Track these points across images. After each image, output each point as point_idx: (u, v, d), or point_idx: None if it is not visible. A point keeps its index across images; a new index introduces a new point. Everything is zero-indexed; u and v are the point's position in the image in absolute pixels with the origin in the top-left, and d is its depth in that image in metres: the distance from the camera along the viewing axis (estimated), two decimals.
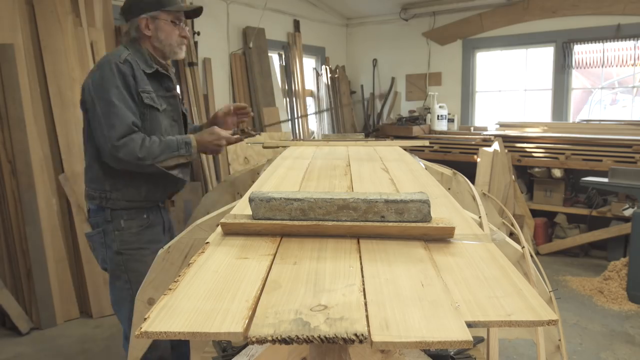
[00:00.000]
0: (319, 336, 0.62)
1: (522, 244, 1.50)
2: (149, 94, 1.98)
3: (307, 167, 1.85)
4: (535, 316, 0.69)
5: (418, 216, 0.99)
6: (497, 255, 0.92)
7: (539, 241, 5.21)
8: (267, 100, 5.48)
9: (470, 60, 6.28)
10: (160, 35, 2.06)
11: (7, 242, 3.50)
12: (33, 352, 3.18)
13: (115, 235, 2.05)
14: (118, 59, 1.94)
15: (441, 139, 5.86)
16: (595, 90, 5.75)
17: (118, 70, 1.91)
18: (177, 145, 1.98)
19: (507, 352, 3.11)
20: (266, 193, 1.02)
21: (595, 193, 5.01)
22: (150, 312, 0.68)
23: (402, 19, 6.53)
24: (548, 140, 5.14)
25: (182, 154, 2.00)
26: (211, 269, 0.85)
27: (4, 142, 3.41)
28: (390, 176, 1.67)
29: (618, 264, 4.18)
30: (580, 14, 5.39)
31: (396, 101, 6.87)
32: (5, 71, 3.37)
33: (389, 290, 0.76)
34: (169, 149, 1.95)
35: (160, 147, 1.93)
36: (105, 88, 1.89)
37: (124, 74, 1.92)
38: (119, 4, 4.36)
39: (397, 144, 2.62)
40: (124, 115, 1.88)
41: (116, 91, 1.89)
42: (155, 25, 2.06)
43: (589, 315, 3.69)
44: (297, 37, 6.08)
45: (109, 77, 1.90)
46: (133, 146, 1.87)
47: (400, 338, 0.62)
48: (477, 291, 0.76)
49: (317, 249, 0.94)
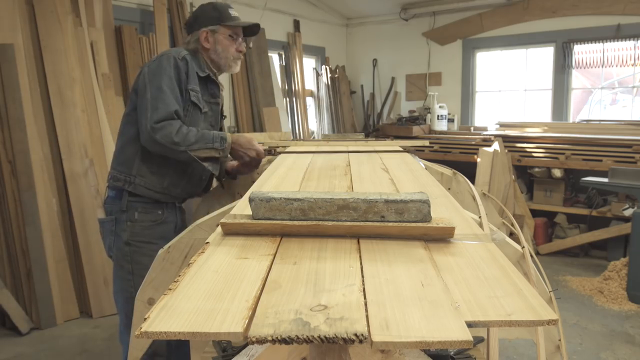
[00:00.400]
0: (319, 336, 0.62)
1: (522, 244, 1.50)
2: (197, 94, 2.09)
3: (307, 167, 1.85)
4: (535, 316, 0.69)
5: (418, 216, 0.99)
6: (497, 255, 0.92)
7: (539, 241, 5.21)
8: (267, 100, 5.49)
9: (470, 60, 6.28)
10: (218, 48, 2.19)
11: (7, 242, 3.50)
12: (33, 352, 3.18)
13: (127, 226, 2.09)
14: (178, 55, 2.06)
15: (441, 139, 5.86)
16: (595, 90, 5.75)
17: (175, 64, 2.03)
18: (213, 138, 2.04)
19: (507, 352, 3.11)
20: (266, 193, 1.02)
21: (595, 193, 5.02)
22: (150, 312, 0.68)
23: (402, 19, 6.53)
24: (548, 140, 5.14)
25: (216, 147, 2.05)
26: (211, 269, 0.85)
27: (4, 142, 3.41)
28: (390, 176, 1.67)
29: (618, 264, 4.18)
30: (580, 14, 5.39)
31: (396, 101, 6.87)
32: (5, 71, 3.37)
33: (389, 290, 0.76)
34: (204, 139, 2.01)
35: (197, 136, 1.99)
36: (159, 75, 2.00)
37: (179, 69, 2.03)
38: (119, 4, 4.38)
39: (397, 144, 2.62)
40: (169, 102, 1.96)
41: (168, 80, 2.00)
42: (214, 39, 2.18)
43: (589, 315, 3.69)
44: (297, 37, 6.08)
45: (165, 66, 2.01)
46: (170, 130, 1.94)
47: (401, 338, 0.62)
48: (477, 291, 0.76)
49: (317, 249, 0.94)
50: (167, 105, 1.96)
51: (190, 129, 2.00)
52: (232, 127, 5.32)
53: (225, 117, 2.52)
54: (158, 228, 2.13)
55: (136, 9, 4.52)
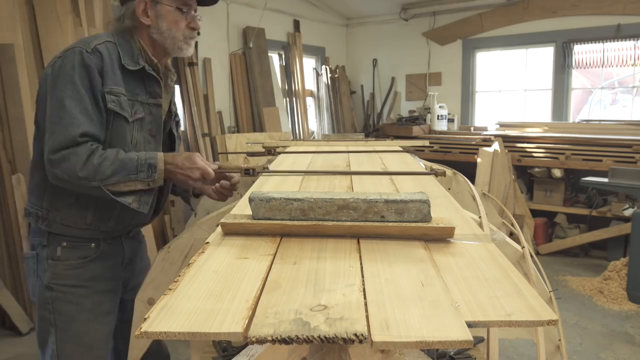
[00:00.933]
0: (319, 336, 0.62)
1: (522, 244, 1.51)
2: (117, 97, 1.53)
3: (307, 167, 1.85)
4: (535, 316, 0.69)
5: (418, 216, 0.99)
6: (497, 255, 0.92)
7: (539, 241, 5.21)
8: (267, 100, 5.49)
9: (470, 60, 6.28)
10: (162, 24, 1.62)
11: (7, 242, 3.50)
12: (33, 352, 3.18)
13: (48, 265, 1.60)
14: (86, 46, 1.51)
15: (441, 139, 5.86)
16: (595, 90, 5.75)
17: (81, 62, 1.49)
18: (137, 167, 1.49)
19: (507, 352, 3.11)
20: (266, 193, 1.02)
21: (595, 193, 5.02)
22: (150, 312, 0.68)
23: (402, 19, 6.53)
24: (548, 140, 5.14)
25: (142, 178, 1.50)
26: (211, 269, 0.85)
27: (4, 142, 3.41)
28: (390, 176, 1.66)
29: (618, 264, 4.18)
30: (580, 14, 5.39)
31: (396, 101, 6.87)
32: (5, 71, 3.37)
33: (389, 290, 0.76)
34: (125, 169, 1.48)
35: (113, 165, 1.46)
36: (59, 83, 1.48)
37: (88, 68, 1.49)
38: (119, 4, 4.37)
39: (397, 144, 2.63)
40: (71, 123, 1.45)
41: (70, 87, 1.47)
42: (155, 12, 1.61)
43: (589, 315, 3.69)
44: (297, 37, 6.08)
45: (67, 69, 1.48)
46: (74, 162, 1.43)
47: (401, 338, 0.62)
48: (477, 291, 0.76)
49: (317, 249, 0.94)
50: (66, 126, 1.44)
51: (106, 155, 1.47)
52: (232, 127, 5.32)
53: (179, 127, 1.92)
54: (90, 267, 1.63)
55: None
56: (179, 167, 1.56)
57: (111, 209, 1.61)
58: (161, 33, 1.63)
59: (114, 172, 1.46)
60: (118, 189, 1.49)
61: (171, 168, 1.55)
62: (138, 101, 1.61)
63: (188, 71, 4.75)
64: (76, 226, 1.60)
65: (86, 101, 1.48)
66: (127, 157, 1.50)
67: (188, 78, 4.75)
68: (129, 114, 1.57)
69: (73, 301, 1.61)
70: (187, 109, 4.79)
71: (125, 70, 1.57)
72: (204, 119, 4.88)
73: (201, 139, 4.81)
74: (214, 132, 4.96)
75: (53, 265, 1.59)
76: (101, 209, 1.60)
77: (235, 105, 5.38)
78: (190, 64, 4.76)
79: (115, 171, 1.46)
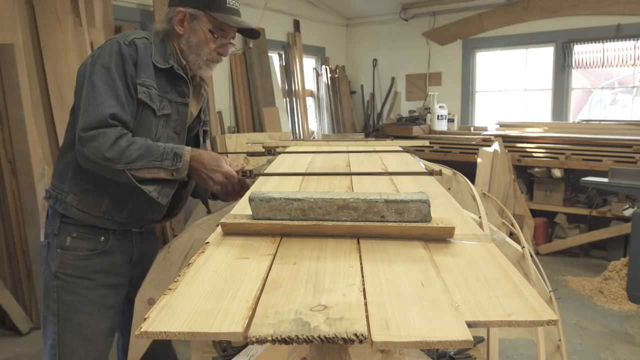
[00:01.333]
0: (319, 336, 0.62)
1: (522, 244, 1.51)
2: (148, 89, 1.59)
3: (307, 167, 1.85)
4: (535, 316, 0.69)
5: (418, 216, 0.99)
6: (497, 255, 0.92)
7: (539, 241, 5.21)
8: (267, 100, 5.49)
9: (470, 60, 6.28)
10: (192, 39, 1.67)
11: (7, 242, 3.50)
12: (33, 352, 3.18)
13: (57, 254, 1.63)
14: (124, 39, 1.58)
15: (441, 139, 5.86)
16: (595, 90, 5.75)
17: (118, 51, 1.56)
18: (163, 154, 1.52)
19: (507, 352, 3.11)
20: (266, 193, 1.02)
21: (595, 193, 5.02)
22: (150, 312, 0.68)
23: (402, 19, 6.53)
24: (548, 140, 5.14)
25: (166, 166, 1.52)
26: (211, 269, 0.85)
27: (4, 142, 3.41)
28: (389, 176, 1.66)
29: (618, 264, 4.19)
30: (580, 14, 5.39)
31: (396, 101, 6.87)
32: (5, 71, 3.37)
33: (389, 290, 0.76)
34: (150, 155, 1.50)
35: (140, 150, 1.49)
36: (96, 68, 1.54)
37: (123, 56, 1.55)
38: (119, 4, 4.38)
39: (397, 144, 2.63)
40: (103, 103, 1.49)
41: (104, 73, 1.53)
42: (191, 26, 1.66)
43: (589, 315, 3.69)
44: (297, 37, 6.08)
45: (104, 56, 1.55)
46: (102, 142, 1.46)
47: (401, 338, 0.62)
48: (477, 291, 0.76)
49: (317, 249, 0.94)
50: (98, 107, 1.49)
51: (135, 140, 1.51)
52: (232, 127, 5.32)
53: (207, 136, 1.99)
54: (97, 260, 1.66)
55: (136, 8, 4.52)
56: (204, 165, 1.58)
57: (127, 199, 1.64)
58: (189, 46, 1.68)
59: (139, 157, 1.49)
60: (142, 174, 1.51)
61: (195, 165, 1.57)
62: (167, 98, 1.65)
63: None
64: (91, 212, 1.63)
65: (119, 87, 1.53)
66: (154, 145, 1.53)
67: None
68: (157, 107, 1.62)
69: (77, 292, 1.63)
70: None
71: (157, 67, 1.62)
72: None
73: None
74: (214, 132, 4.97)
75: (62, 255, 1.62)
76: (117, 199, 1.63)
77: (235, 105, 5.38)
78: None
79: (140, 156, 1.49)
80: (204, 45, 1.67)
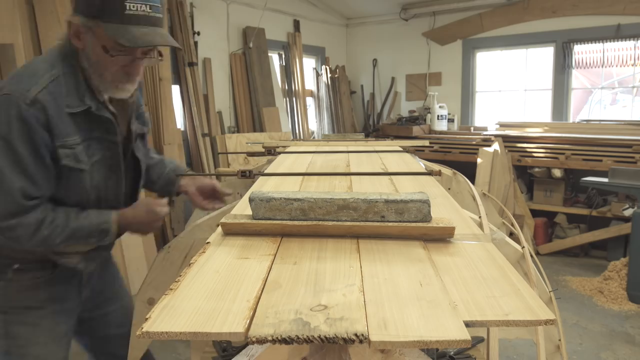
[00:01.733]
0: (319, 336, 0.62)
1: (522, 244, 1.51)
2: (72, 150, 1.34)
3: (307, 167, 1.86)
4: (532, 316, 0.69)
5: (418, 216, 0.99)
6: (496, 255, 0.93)
7: (539, 241, 5.21)
8: (267, 100, 5.49)
9: (470, 60, 6.28)
10: (91, 56, 1.34)
11: None
12: None
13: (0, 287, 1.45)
14: (23, 98, 1.25)
15: (441, 139, 5.86)
16: (595, 90, 5.75)
17: (18, 117, 1.25)
18: (88, 234, 1.39)
19: (507, 352, 3.12)
20: (266, 193, 1.03)
21: (595, 193, 5.02)
22: (151, 312, 0.69)
23: (402, 19, 6.53)
24: (548, 140, 5.14)
25: (92, 242, 1.44)
26: (212, 269, 0.86)
27: None
28: (389, 176, 1.67)
29: (618, 264, 4.18)
30: (580, 14, 5.39)
31: (396, 101, 6.87)
32: (5, 71, 3.38)
33: (387, 290, 0.76)
34: (74, 237, 1.38)
35: (63, 234, 1.35)
36: None
37: (28, 124, 1.26)
38: None
39: (397, 144, 2.63)
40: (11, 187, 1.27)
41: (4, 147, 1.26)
42: (86, 40, 1.32)
43: (589, 315, 3.69)
44: (297, 37, 6.09)
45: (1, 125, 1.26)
46: (21, 233, 1.31)
47: (399, 337, 0.63)
48: (475, 291, 0.77)
49: (317, 249, 0.95)
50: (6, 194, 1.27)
51: (56, 222, 1.34)
52: (232, 127, 5.33)
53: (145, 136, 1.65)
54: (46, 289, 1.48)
55: None
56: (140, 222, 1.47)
57: None
58: (90, 64, 1.35)
59: (63, 241, 1.37)
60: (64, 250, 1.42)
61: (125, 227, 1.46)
62: (94, 138, 1.40)
63: (188, 71, 4.75)
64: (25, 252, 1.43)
65: (25, 162, 1.28)
66: (78, 226, 1.38)
67: (188, 78, 4.75)
68: (86, 163, 1.38)
69: (29, 322, 1.47)
70: (187, 109, 4.80)
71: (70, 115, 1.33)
72: (204, 119, 4.89)
73: (201, 139, 4.82)
74: (214, 132, 4.97)
75: (4, 287, 1.45)
76: None
77: (235, 105, 5.38)
78: (190, 64, 4.76)
79: (64, 240, 1.37)
80: (104, 63, 1.33)
